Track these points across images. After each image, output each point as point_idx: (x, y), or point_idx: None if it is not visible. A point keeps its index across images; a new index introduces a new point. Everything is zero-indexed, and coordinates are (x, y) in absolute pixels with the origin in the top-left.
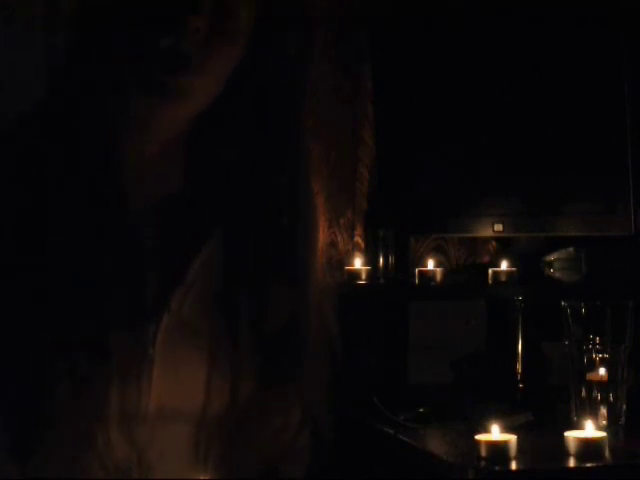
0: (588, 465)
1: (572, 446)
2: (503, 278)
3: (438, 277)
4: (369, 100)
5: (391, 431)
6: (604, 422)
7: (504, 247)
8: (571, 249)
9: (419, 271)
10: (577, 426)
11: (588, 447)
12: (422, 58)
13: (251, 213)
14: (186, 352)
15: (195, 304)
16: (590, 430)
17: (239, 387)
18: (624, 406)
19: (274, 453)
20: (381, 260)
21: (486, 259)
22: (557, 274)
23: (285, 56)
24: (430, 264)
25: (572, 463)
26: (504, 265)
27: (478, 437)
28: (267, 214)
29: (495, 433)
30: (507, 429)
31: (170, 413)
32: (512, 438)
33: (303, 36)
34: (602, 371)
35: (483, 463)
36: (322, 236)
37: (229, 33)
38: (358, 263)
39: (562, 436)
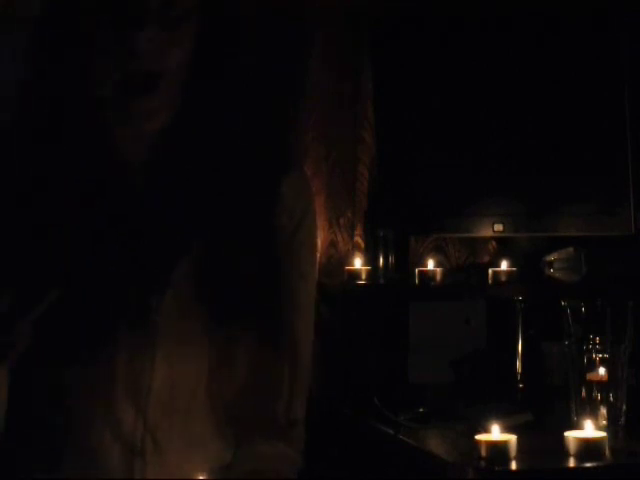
0: (588, 465)
1: (572, 446)
2: (503, 278)
3: (438, 277)
4: (369, 100)
5: (391, 431)
6: (604, 422)
7: (504, 247)
8: (571, 249)
9: (419, 271)
10: (577, 426)
11: (588, 447)
12: (422, 58)
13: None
14: (187, 321)
15: (194, 277)
16: (590, 430)
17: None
18: (624, 406)
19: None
20: (381, 260)
21: (486, 259)
22: (557, 274)
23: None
24: (430, 264)
25: (572, 463)
26: (504, 265)
27: (478, 437)
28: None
29: (495, 433)
30: (507, 429)
31: (177, 380)
32: (512, 438)
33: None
34: (602, 371)
35: (483, 463)
36: (322, 236)
37: (177, 27)
38: (358, 263)
39: (562, 436)
